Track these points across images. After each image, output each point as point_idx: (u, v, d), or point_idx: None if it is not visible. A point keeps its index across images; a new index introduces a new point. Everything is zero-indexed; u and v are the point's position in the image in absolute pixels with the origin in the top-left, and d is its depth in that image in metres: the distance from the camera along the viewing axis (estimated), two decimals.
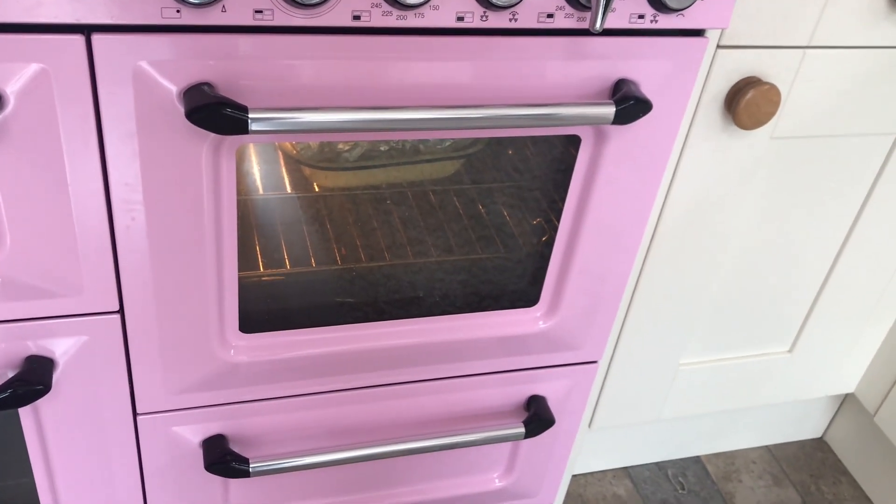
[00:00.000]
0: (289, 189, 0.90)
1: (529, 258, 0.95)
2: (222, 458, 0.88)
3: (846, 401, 1.39)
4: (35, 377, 0.77)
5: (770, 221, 1.02)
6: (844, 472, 1.38)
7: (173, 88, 0.66)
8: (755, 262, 1.05)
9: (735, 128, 0.90)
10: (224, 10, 0.62)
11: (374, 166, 0.88)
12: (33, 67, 0.62)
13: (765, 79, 0.86)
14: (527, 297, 0.94)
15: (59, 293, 0.74)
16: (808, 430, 1.42)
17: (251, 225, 0.90)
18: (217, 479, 0.94)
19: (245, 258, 0.87)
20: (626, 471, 1.33)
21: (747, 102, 0.86)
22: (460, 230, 0.95)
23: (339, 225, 0.91)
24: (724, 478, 1.34)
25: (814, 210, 1.02)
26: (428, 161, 0.90)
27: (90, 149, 0.67)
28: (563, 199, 0.86)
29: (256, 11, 0.63)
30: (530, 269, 0.95)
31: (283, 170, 0.89)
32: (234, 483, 0.97)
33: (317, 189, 0.90)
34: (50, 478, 0.88)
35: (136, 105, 0.66)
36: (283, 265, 0.91)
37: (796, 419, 1.39)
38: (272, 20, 0.64)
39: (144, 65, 0.64)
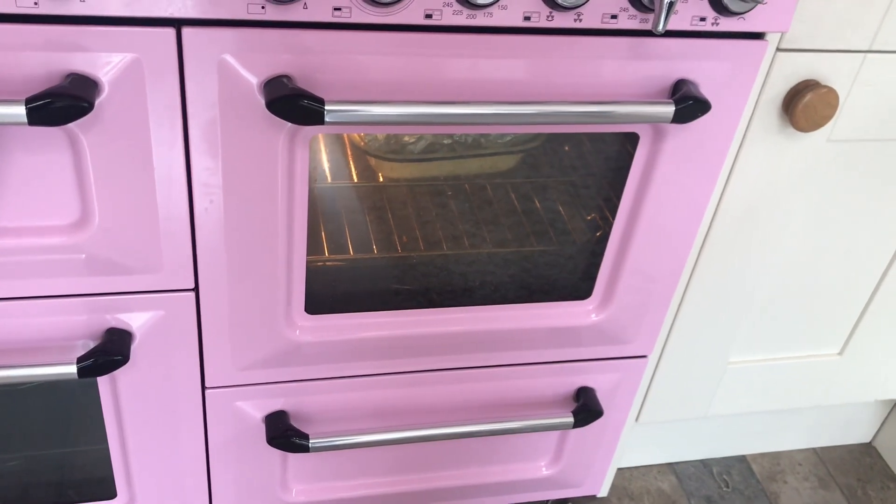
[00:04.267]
0: (355, 178, 0.94)
1: (582, 253, 0.97)
2: (284, 433, 0.93)
3: None
4: (115, 348, 0.82)
5: (824, 224, 1.02)
6: (893, 477, 1.38)
7: (254, 80, 0.70)
8: (808, 263, 1.06)
9: (792, 130, 0.91)
10: (305, 6, 0.66)
11: (437, 158, 0.91)
12: (127, 57, 0.67)
13: (823, 82, 0.88)
14: (578, 291, 0.97)
15: (139, 270, 0.79)
16: (857, 434, 1.42)
17: (318, 211, 0.94)
18: (277, 454, 0.99)
19: (312, 243, 0.91)
20: (671, 466, 1.35)
21: (805, 105, 0.87)
22: (516, 223, 0.98)
23: (401, 215, 0.95)
24: (770, 478, 1.35)
25: (869, 214, 1.03)
26: (488, 155, 0.93)
27: (175, 134, 0.72)
28: (618, 197, 0.88)
29: (335, 9, 0.66)
30: (583, 264, 0.97)
31: (350, 160, 0.93)
32: (293, 458, 1.01)
33: (381, 179, 0.94)
34: (122, 445, 0.93)
35: (220, 95, 0.70)
36: (347, 251, 0.95)
37: (845, 423, 1.39)
38: (349, 17, 0.67)
39: (228, 57, 0.68)
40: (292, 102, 0.67)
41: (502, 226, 0.97)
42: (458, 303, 0.94)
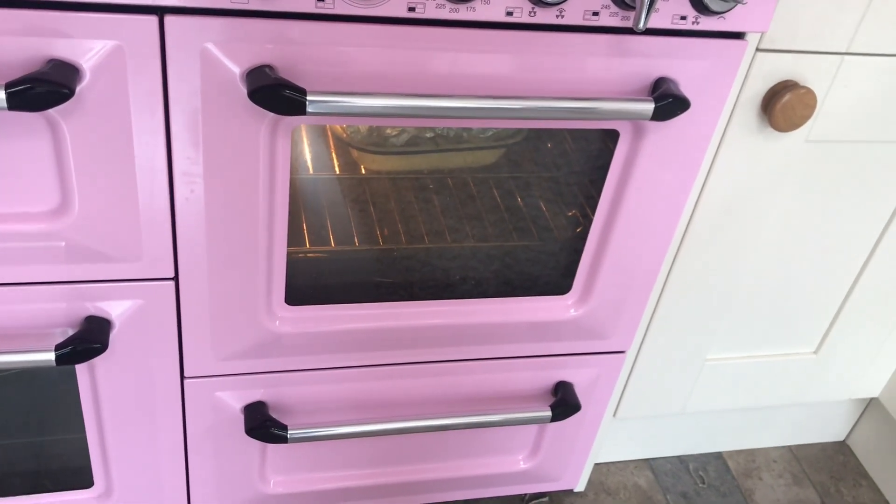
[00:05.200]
0: (337, 170, 0.94)
1: (563, 249, 0.98)
2: (262, 423, 0.93)
3: (870, 405, 1.40)
4: (93, 336, 0.81)
5: (801, 223, 1.04)
6: (865, 475, 1.40)
7: (237, 70, 0.70)
8: (785, 262, 1.08)
9: (770, 130, 0.92)
10: None
11: (420, 152, 0.92)
12: (109, 44, 0.66)
13: (802, 83, 0.89)
14: (558, 287, 0.97)
15: (119, 258, 0.79)
16: (831, 432, 1.44)
17: (299, 202, 0.94)
18: (255, 444, 0.99)
19: (293, 234, 0.91)
20: (647, 462, 1.36)
21: (783, 105, 0.88)
22: (497, 218, 0.98)
23: (383, 207, 0.95)
24: (745, 474, 1.37)
25: (845, 214, 1.04)
26: (470, 149, 0.93)
27: (156, 122, 0.72)
28: (598, 193, 0.89)
29: (318, 0, 0.67)
30: (563, 259, 0.98)
31: (333, 152, 0.93)
32: (272, 448, 1.01)
33: (363, 171, 0.94)
34: (100, 434, 0.93)
35: (202, 84, 0.70)
36: (328, 243, 0.95)
37: (819, 421, 1.41)
38: (333, 8, 0.67)
39: (211, 46, 0.68)
40: (274, 92, 0.68)
41: (483, 220, 0.98)
42: (438, 296, 0.94)
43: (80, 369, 0.87)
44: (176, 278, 0.82)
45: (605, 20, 0.74)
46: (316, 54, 0.70)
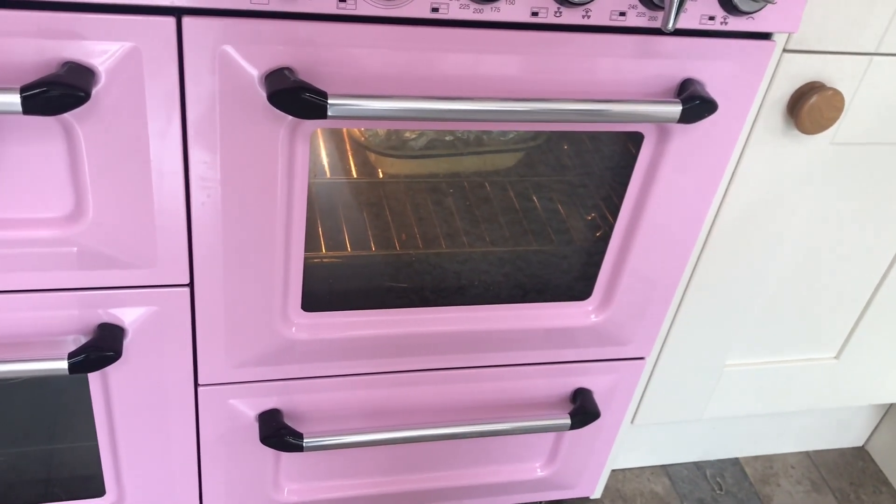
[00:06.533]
0: (354, 174, 0.92)
1: (581, 253, 0.96)
2: (277, 431, 0.91)
3: (890, 410, 1.38)
4: (106, 344, 0.80)
5: (825, 227, 1.02)
6: (885, 482, 1.38)
7: (255, 72, 0.68)
8: (807, 266, 1.06)
9: (796, 132, 0.90)
10: None
11: (439, 155, 0.90)
12: (126, 46, 0.65)
13: (829, 84, 0.87)
14: (577, 292, 0.96)
15: (133, 264, 0.78)
16: (850, 438, 1.42)
17: (316, 207, 0.92)
18: (269, 452, 0.97)
19: (309, 239, 0.89)
20: (664, 469, 1.34)
21: (810, 107, 0.86)
22: (515, 222, 0.97)
23: (401, 212, 0.93)
24: (763, 481, 1.35)
25: (870, 217, 1.02)
26: (490, 152, 0.91)
27: (173, 126, 0.70)
28: (619, 197, 0.87)
29: (340, 0, 0.65)
30: (580, 264, 0.96)
31: (350, 155, 0.91)
32: (286, 457, 0.99)
33: (381, 175, 0.92)
34: (112, 442, 0.91)
35: (220, 86, 0.68)
36: (345, 248, 0.93)
37: (838, 426, 1.39)
38: (355, 9, 0.66)
39: (229, 48, 0.67)
40: (294, 95, 0.66)
41: (501, 225, 0.96)
42: (455, 302, 0.92)
43: (93, 377, 0.85)
44: (191, 285, 0.81)
45: (633, 20, 0.72)
46: (337, 56, 0.69)
